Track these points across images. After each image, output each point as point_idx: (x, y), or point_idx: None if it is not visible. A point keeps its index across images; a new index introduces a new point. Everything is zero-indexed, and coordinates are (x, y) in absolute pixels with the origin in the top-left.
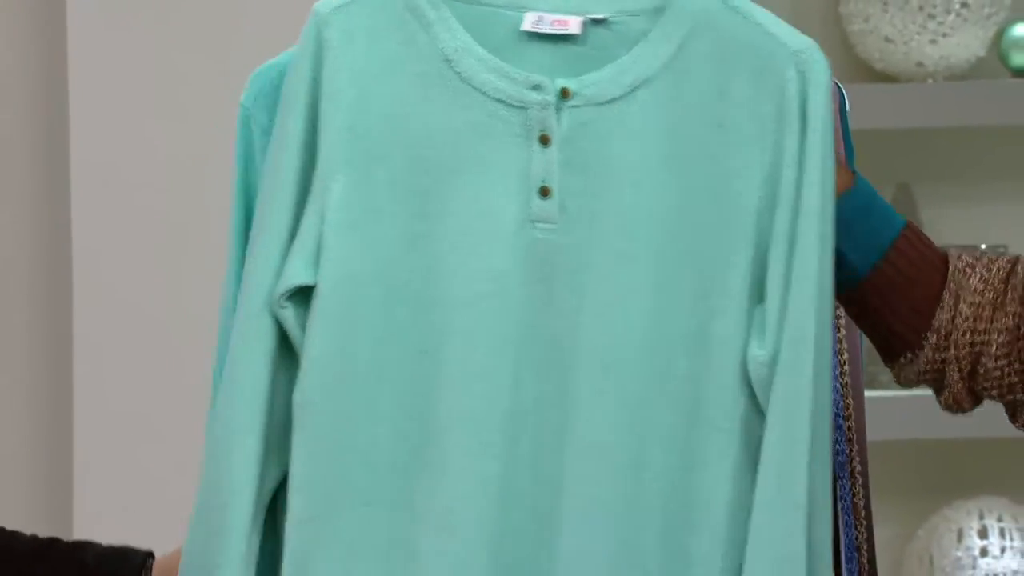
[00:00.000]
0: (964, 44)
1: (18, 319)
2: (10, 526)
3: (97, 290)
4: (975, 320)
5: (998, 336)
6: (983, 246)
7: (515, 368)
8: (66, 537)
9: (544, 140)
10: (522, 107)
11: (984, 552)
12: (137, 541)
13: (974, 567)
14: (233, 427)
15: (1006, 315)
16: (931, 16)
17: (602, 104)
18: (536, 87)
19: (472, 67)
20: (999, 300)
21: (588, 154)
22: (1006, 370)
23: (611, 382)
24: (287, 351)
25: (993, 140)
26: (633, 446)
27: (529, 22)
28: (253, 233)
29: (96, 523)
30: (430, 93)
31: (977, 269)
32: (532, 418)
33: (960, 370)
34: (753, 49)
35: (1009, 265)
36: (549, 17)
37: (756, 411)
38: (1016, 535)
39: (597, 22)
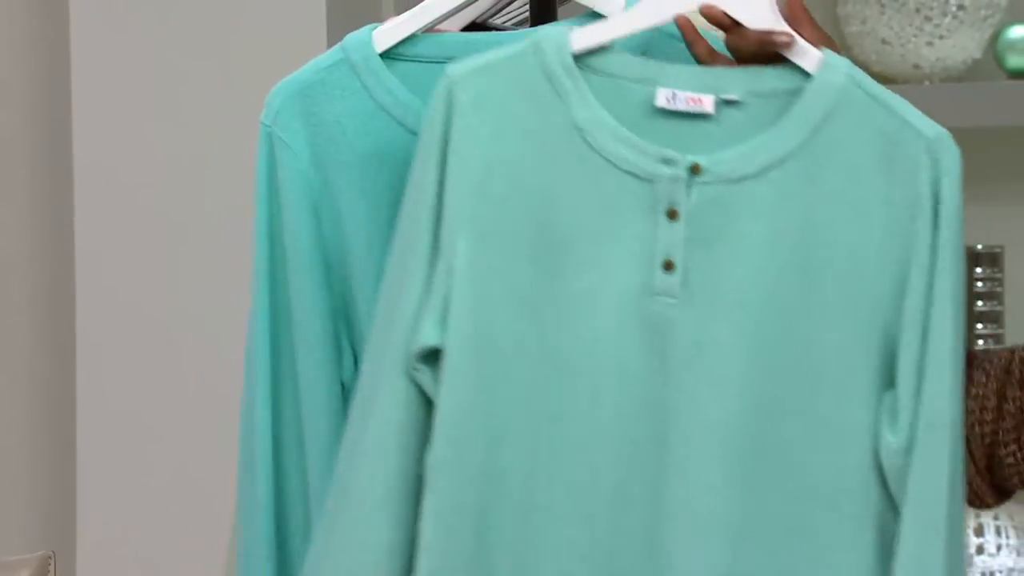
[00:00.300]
0: (960, 46)
1: (20, 321)
2: (12, 528)
3: (100, 290)
4: (981, 411)
5: (1005, 423)
6: (979, 247)
7: (629, 438)
8: (70, 539)
9: (672, 214)
10: (651, 180)
11: (980, 550)
12: (140, 542)
13: (970, 564)
14: (366, 502)
15: (1008, 401)
16: (928, 18)
17: (732, 182)
18: (667, 161)
19: (604, 138)
20: (1002, 390)
21: (715, 231)
22: (1018, 455)
23: (724, 459)
24: (420, 416)
25: (990, 142)
26: (744, 524)
27: (663, 98)
28: (387, 289)
29: (99, 524)
30: (559, 161)
31: (980, 363)
32: (640, 489)
33: (975, 463)
34: (887, 135)
35: (1009, 354)
36: (683, 95)
37: (887, 498)
38: (1012, 533)
39: (730, 102)
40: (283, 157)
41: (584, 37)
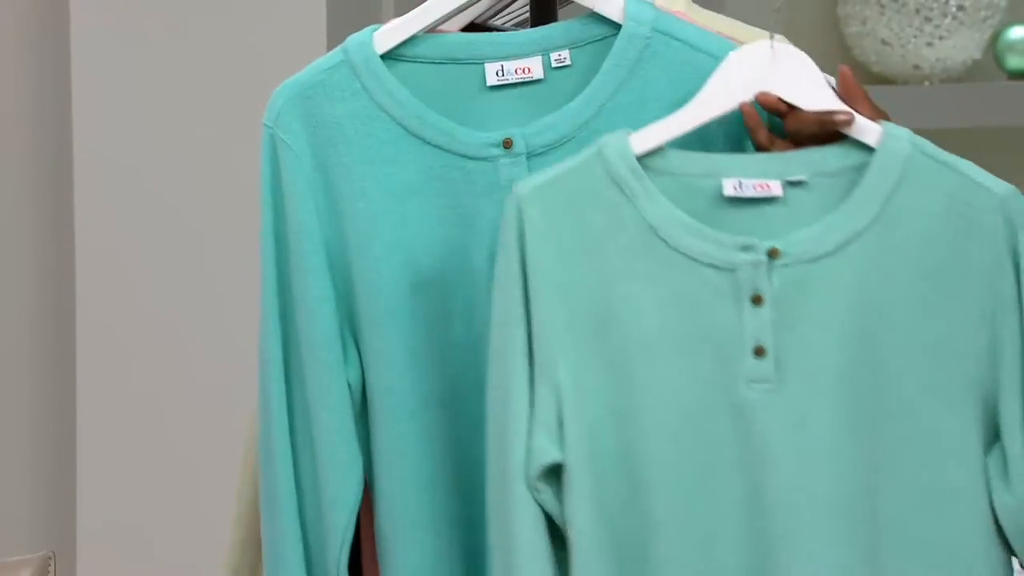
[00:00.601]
0: (960, 47)
1: (21, 322)
2: (13, 528)
3: (100, 291)
4: None
5: None
6: None
7: (737, 533)
8: (70, 539)
9: (756, 300)
10: (731, 269)
11: None
12: (140, 542)
13: None
14: None
15: None
16: (928, 19)
17: (811, 261)
18: (745, 248)
19: (679, 234)
20: None
21: (800, 311)
22: None
23: (838, 539)
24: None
25: (990, 142)
26: None
27: (730, 187)
28: (492, 413)
29: (99, 525)
30: (637, 262)
31: None
32: None
33: None
34: (957, 198)
35: None
36: (750, 182)
37: (1009, 555)
38: None
39: (796, 184)
40: (286, 159)
41: (644, 139)
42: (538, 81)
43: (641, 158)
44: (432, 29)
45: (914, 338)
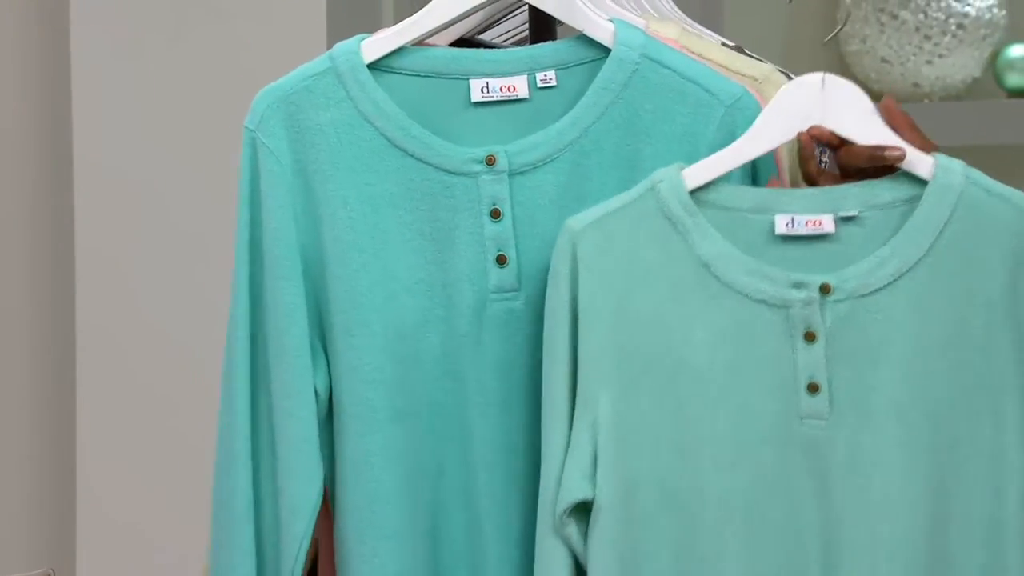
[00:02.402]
0: (960, 65)
1: (20, 334)
2: (13, 546)
3: (100, 289)
4: None
5: None
6: None
7: (794, 570)
8: (70, 556)
9: (809, 337)
10: (784, 306)
11: None
12: (140, 559)
13: None
14: None
15: None
16: (927, 37)
17: (864, 296)
18: (797, 285)
19: (731, 270)
20: None
21: (854, 347)
22: None
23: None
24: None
25: (990, 160)
26: None
27: (782, 225)
28: (542, 447)
29: (99, 542)
30: (689, 299)
31: None
32: None
33: None
34: (1011, 230)
35: None
36: (802, 219)
37: None
38: None
39: (848, 219)
40: (266, 163)
41: (697, 174)
42: (523, 100)
43: (694, 192)
44: (421, 42)
45: (968, 373)
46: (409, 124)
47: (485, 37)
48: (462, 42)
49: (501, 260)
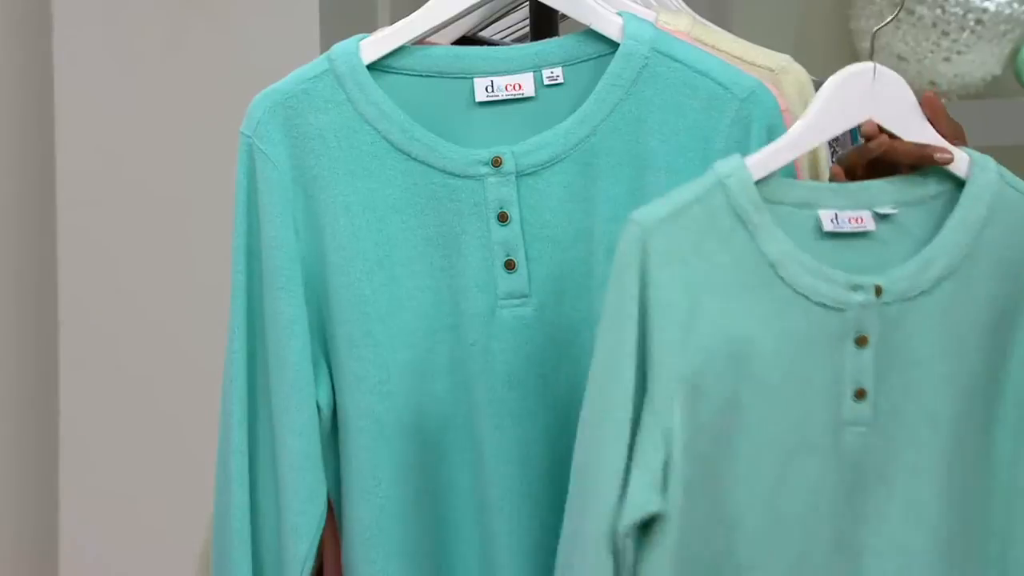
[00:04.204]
0: (979, 62)
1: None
2: None
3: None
4: None
5: None
6: None
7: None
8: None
9: (861, 341)
10: (840, 309)
11: None
12: (128, 543)
13: None
14: None
15: None
16: (945, 33)
17: (911, 299)
18: (856, 288)
19: (796, 272)
20: None
21: (899, 351)
22: None
23: None
24: None
25: (1010, 160)
26: None
27: (827, 221)
28: (583, 450)
29: (82, 537)
30: (756, 299)
31: None
32: None
33: None
34: None
35: None
36: (845, 215)
37: None
38: None
39: (885, 217)
40: (263, 170)
41: (761, 166)
42: (529, 98)
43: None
44: (422, 40)
45: (996, 380)
46: (411, 126)
47: (483, 34)
48: (465, 40)
49: (510, 265)
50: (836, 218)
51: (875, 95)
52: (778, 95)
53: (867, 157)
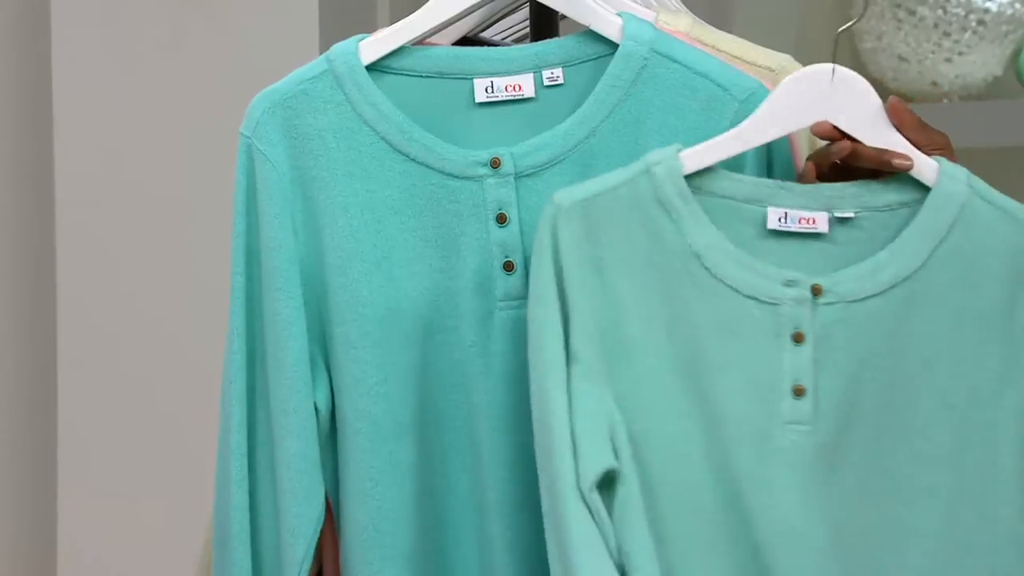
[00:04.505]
0: (980, 63)
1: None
2: None
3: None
4: None
5: None
6: None
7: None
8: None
9: (798, 338)
10: (774, 304)
11: None
12: (127, 543)
13: None
14: None
15: None
16: (946, 34)
17: (856, 301)
18: (789, 283)
19: (723, 263)
20: None
21: (841, 353)
22: None
23: None
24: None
25: (1011, 162)
26: None
27: (774, 219)
28: (536, 421)
29: (81, 537)
30: (676, 289)
31: None
32: None
33: None
34: (1012, 245)
35: None
36: (796, 214)
37: None
38: None
39: (844, 220)
40: (262, 170)
41: (695, 159)
42: (529, 99)
43: (690, 177)
44: (421, 41)
45: (955, 388)
46: (410, 127)
47: (484, 35)
48: (465, 41)
49: (508, 267)
50: (785, 217)
51: (832, 97)
52: None
53: (829, 160)
